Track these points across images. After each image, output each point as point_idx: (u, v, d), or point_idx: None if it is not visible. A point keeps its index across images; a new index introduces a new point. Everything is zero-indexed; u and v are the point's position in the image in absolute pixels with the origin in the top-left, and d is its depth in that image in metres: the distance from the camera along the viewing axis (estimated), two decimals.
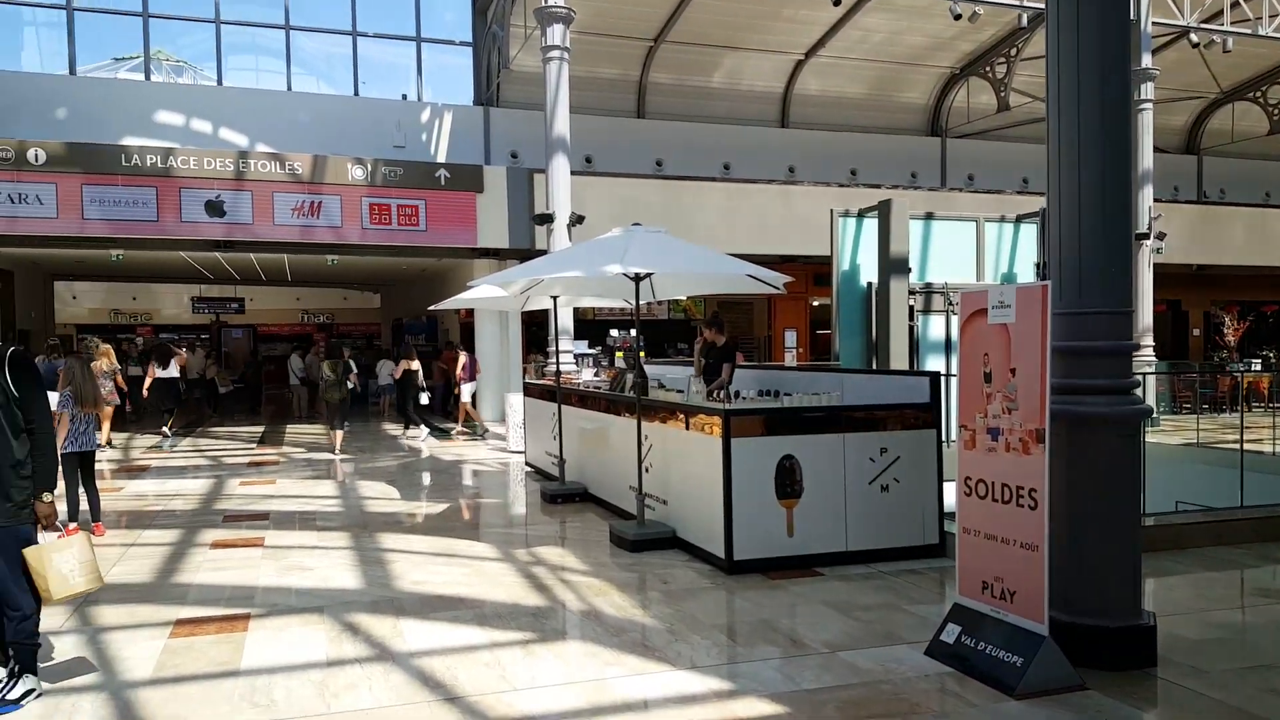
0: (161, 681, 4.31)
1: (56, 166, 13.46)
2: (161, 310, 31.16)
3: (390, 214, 15.01)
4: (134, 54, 17.21)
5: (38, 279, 20.70)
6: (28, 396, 4.05)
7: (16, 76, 15.71)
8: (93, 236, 13.98)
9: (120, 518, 8.29)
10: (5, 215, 13.28)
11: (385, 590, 5.86)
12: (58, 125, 15.18)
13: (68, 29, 16.25)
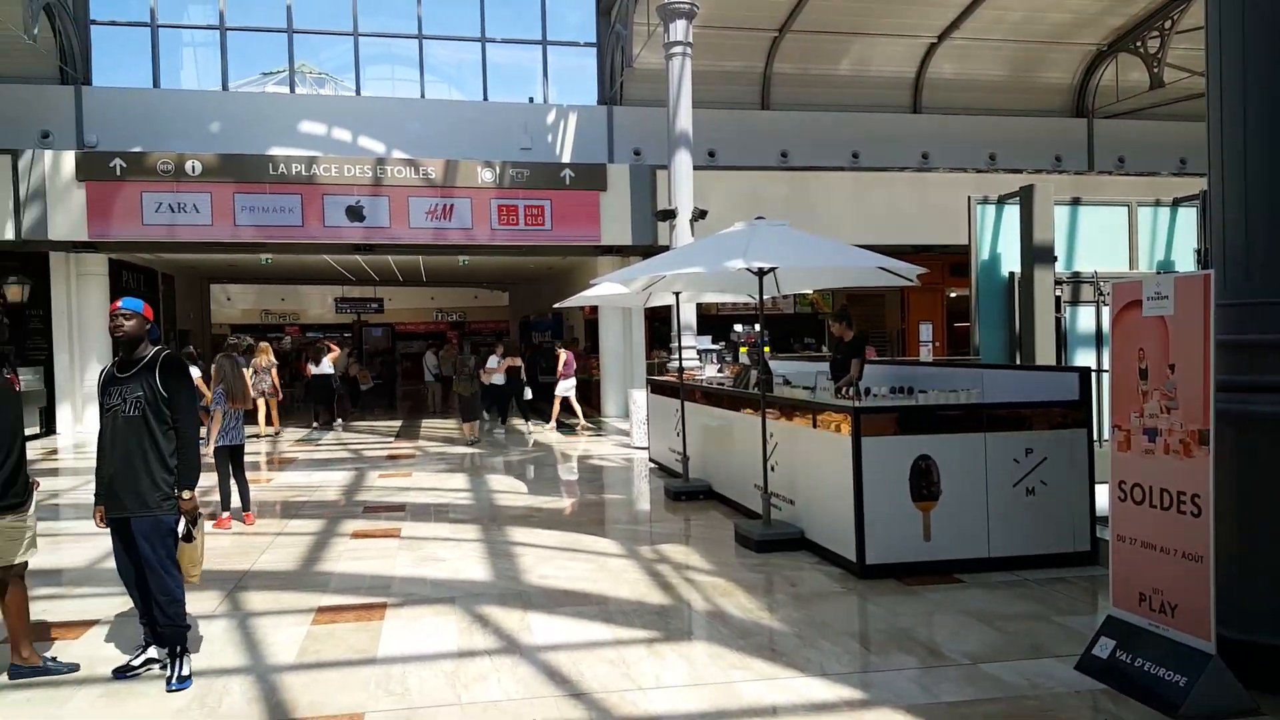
0: (303, 666, 4.52)
1: (211, 177, 14.43)
2: (308, 310, 33.04)
3: (517, 214, 15.37)
4: (280, 68, 18.28)
5: (196, 282, 22.31)
6: (175, 398, 4.29)
7: (176, 94, 16.95)
8: (244, 242, 14.93)
9: (270, 507, 8.80)
10: (166, 223, 14.36)
11: (513, 583, 5.96)
12: (212, 138, 16.28)
13: (220, 47, 17.42)
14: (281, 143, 16.48)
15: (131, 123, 16.14)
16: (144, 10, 17.02)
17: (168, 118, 16.29)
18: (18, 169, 13.99)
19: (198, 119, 16.48)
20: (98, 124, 16.17)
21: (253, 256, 17.43)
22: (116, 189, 14.22)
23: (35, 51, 15.05)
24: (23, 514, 4.35)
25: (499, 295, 32.05)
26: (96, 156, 14.41)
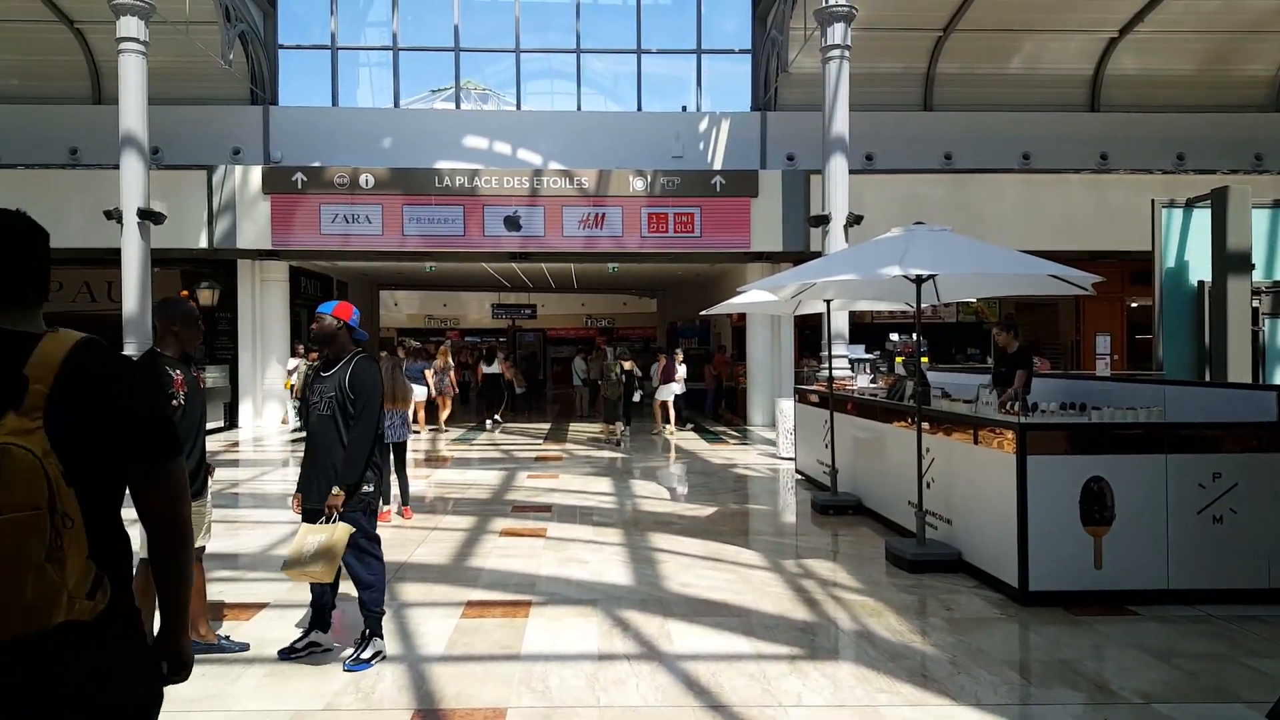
0: (451, 659, 4.68)
1: (382, 189, 15.34)
2: (467, 315, 34.55)
3: (667, 222, 15.49)
4: (447, 85, 19.20)
5: (367, 288, 23.76)
6: (358, 400, 4.48)
7: (352, 112, 18.11)
8: (411, 251, 15.76)
9: (426, 503, 9.21)
10: (340, 233, 15.36)
11: (654, 590, 5.96)
12: (384, 153, 17.30)
13: (393, 67, 18.50)
14: (447, 156, 17.32)
15: (312, 139, 17.40)
16: (325, 34, 18.34)
17: (344, 134, 17.46)
18: (212, 183, 15.33)
19: (371, 135, 17.57)
20: (282, 141, 17.53)
21: (418, 265, 18.37)
22: (297, 201, 15.35)
23: (230, 76, 16.47)
24: (201, 501, 4.71)
25: (647, 302, 32.42)
26: (280, 171, 15.61)
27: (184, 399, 4.43)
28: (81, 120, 17.03)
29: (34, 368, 1.66)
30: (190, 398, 4.47)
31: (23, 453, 1.59)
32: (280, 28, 18.01)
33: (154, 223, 12.16)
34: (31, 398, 1.63)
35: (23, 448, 1.59)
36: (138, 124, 11.70)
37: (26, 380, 1.64)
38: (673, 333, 26.48)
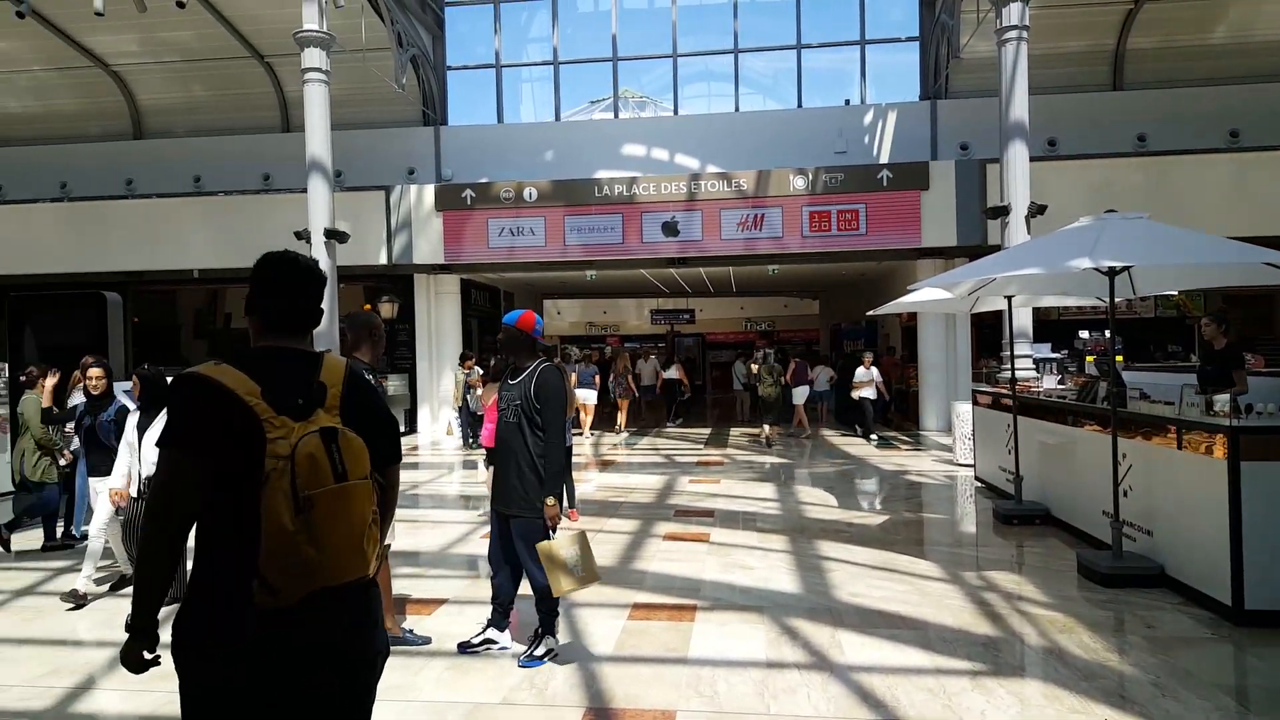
0: (620, 659, 4.78)
1: (545, 201, 15.90)
2: (626, 322, 35.20)
3: (830, 220, 15.21)
4: (605, 95, 19.68)
5: (532, 298, 24.66)
6: (544, 408, 4.64)
7: (516, 128, 18.88)
8: (572, 260, 16.25)
9: (591, 505, 9.45)
10: (507, 245, 16.04)
11: (823, 598, 5.87)
12: (546, 165, 17.93)
13: (554, 80, 19.15)
14: (606, 165, 17.75)
15: (479, 156, 18.28)
16: (489, 54, 19.22)
17: (509, 149, 18.23)
18: (389, 203, 16.39)
19: (534, 148, 18.25)
20: (452, 159, 18.50)
21: (579, 273, 18.92)
22: (467, 216, 16.15)
23: (403, 99, 17.56)
24: None
25: (809, 303, 31.92)
26: (451, 188, 16.48)
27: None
28: (272, 148, 18.62)
29: (327, 377, 2.27)
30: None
31: (354, 437, 2.19)
32: (448, 50, 19.03)
33: (339, 241, 13.12)
34: (330, 399, 2.23)
35: (352, 432, 2.19)
36: (322, 149, 12.67)
37: (325, 387, 2.24)
38: (836, 334, 25.93)
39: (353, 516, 2.14)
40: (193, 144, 19.00)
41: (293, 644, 2.09)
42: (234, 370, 2.16)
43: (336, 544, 2.11)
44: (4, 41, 17.53)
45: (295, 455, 2.08)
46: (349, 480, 2.14)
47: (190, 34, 17.16)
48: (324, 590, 2.10)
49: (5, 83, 19.08)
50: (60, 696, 4.48)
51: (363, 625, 2.24)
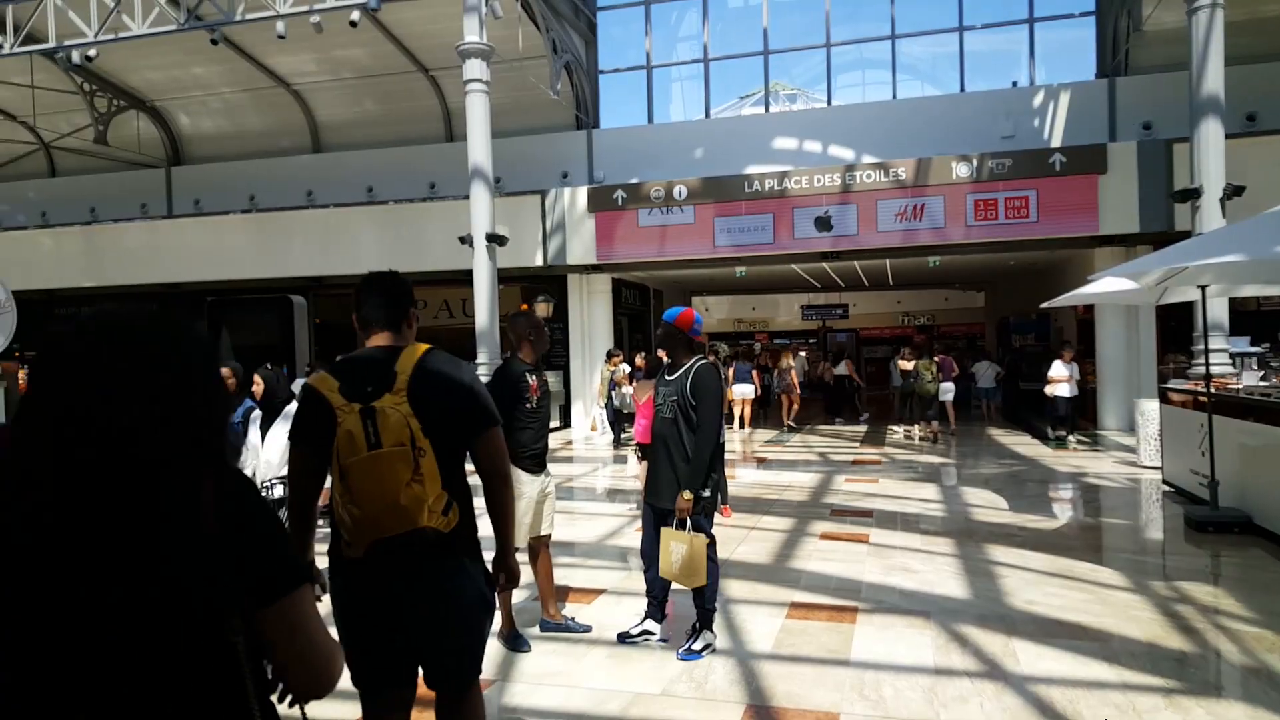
0: (779, 658, 4.72)
1: (694, 199, 15.92)
2: (775, 318, 34.79)
3: (996, 208, 14.48)
4: (754, 90, 19.51)
5: (681, 295, 24.77)
6: (699, 405, 4.66)
7: (666, 127, 19.00)
8: (722, 257, 16.20)
9: (744, 503, 9.38)
10: (657, 244, 16.16)
11: (994, 605, 5.58)
12: (696, 164, 17.93)
13: (704, 78, 19.14)
14: (756, 161, 17.57)
15: (630, 157, 18.51)
16: (640, 55, 19.42)
17: (659, 149, 18.36)
18: (545, 206, 16.85)
19: (684, 147, 18.30)
20: (604, 161, 18.83)
21: (729, 270, 18.83)
22: (618, 216, 16.40)
23: (558, 105, 18.01)
24: (544, 480, 5.15)
25: (972, 296, 30.53)
26: (603, 190, 16.76)
27: (536, 402, 4.98)
28: (436, 158, 19.52)
29: (400, 366, 2.70)
30: (541, 399, 5.02)
31: (394, 412, 2.59)
32: (600, 54, 19.38)
33: (499, 245, 13.60)
34: (398, 384, 2.66)
35: (395, 410, 2.60)
36: (483, 157, 13.16)
37: (396, 374, 2.68)
38: (1003, 328, 24.69)
39: (384, 480, 2.54)
40: (365, 156, 20.19)
41: (367, 583, 2.65)
42: (325, 374, 2.75)
43: (374, 503, 2.54)
44: (201, 68, 19.19)
45: (338, 433, 2.58)
46: (382, 449, 2.55)
47: (362, 52, 18.23)
48: (382, 541, 2.56)
49: (202, 105, 20.90)
50: None
51: (424, 568, 2.64)
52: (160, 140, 21.46)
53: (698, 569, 4.55)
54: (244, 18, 13.33)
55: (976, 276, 25.03)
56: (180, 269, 19.02)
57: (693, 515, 4.61)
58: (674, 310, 4.96)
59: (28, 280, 18.60)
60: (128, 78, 19.74)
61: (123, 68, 19.11)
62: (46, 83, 18.22)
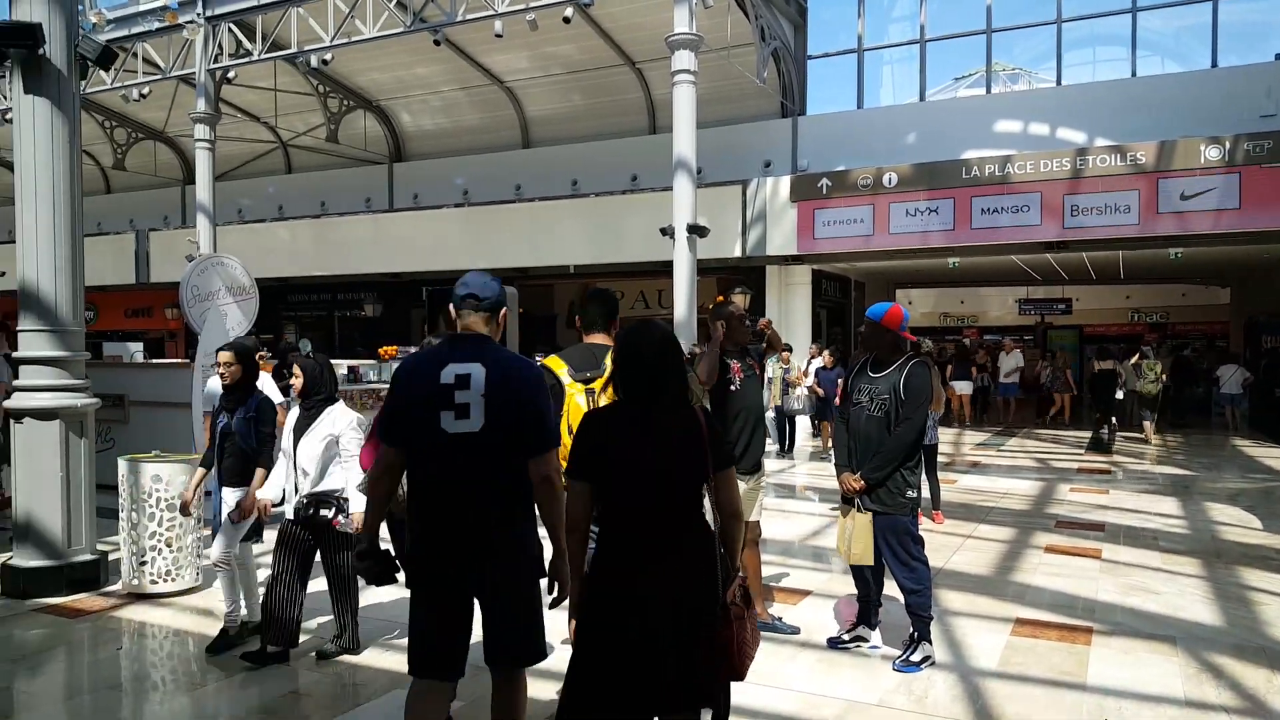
0: (1005, 676, 4.54)
1: (905, 187, 15.39)
2: (987, 312, 32.99)
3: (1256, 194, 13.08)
4: (971, 71, 18.60)
5: (883, 287, 24.03)
6: (909, 402, 4.56)
7: (876, 112, 18.46)
8: (933, 247, 15.58)
9: (957, 509, 9.01)
10: (863, 234, 15.74)
11: (1253, 635, 5.11)
12: (907, 149, 17.26)
13: (920, 60, 18.41)
14: (974, 145, 16.70)
15: (836, 144, 18.10)
16: (851, 39, 18.92)
17: (868, 135, 17.84)
18: (746, 196, 16.83)
19: (895, 132, 17.68)
20: (808, 149, 18.54)
21: (939, 261, 18.09)
22: (822, 206, 16.12)
23: (763, 93, 17.91)
24: (756, 479, 5.19)
25: (1215, 292, 27.66)
26: (807, 178, 16.52)
27: (740, 383, 5.03)
28: (639, 150, 19.91)
29: (609, 360, 3.56)
30: (745, 383, 5.06)
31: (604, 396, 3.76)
32: (809, 39, 19.05)
33: (699, 236, 13.74)
34: (608, 373, 3.50)
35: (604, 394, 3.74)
36: (688, 148, 13.32)
37: (606, 366, 3.68)
38: (1251, 328, 22.26)
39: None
40: (570, 150, 20.95)
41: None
42: (557, 358, 4.11)
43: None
44: (422, 68, 20.57)
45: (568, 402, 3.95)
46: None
47: (572, 47, 18.90)
48: None
49: (422, 104, 22.40)
50: None
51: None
52: (384, 138, 23.20)
53: (864, 547, 4.61)
54: (465, 17, 14.15)
55: (1221, 270, 22.72)
56: (399, 259, 20.50)
57: (898, 515, 4.57)
58: (880, 307, 4.85)
59: (266, 269, 20.58)
60: (357, 79, 21.46)
61: (353, 70, 20.78)
62: (286, 86, 20.11)
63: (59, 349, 6.28)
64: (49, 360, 6.23)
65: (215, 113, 16.22)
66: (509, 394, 3.05)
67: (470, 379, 3.04)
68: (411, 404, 3.10)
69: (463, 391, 3.03)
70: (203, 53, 15.81)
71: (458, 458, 3.02)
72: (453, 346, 3.16)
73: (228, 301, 10.73)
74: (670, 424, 2.85)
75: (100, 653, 5.17)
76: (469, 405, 3.02)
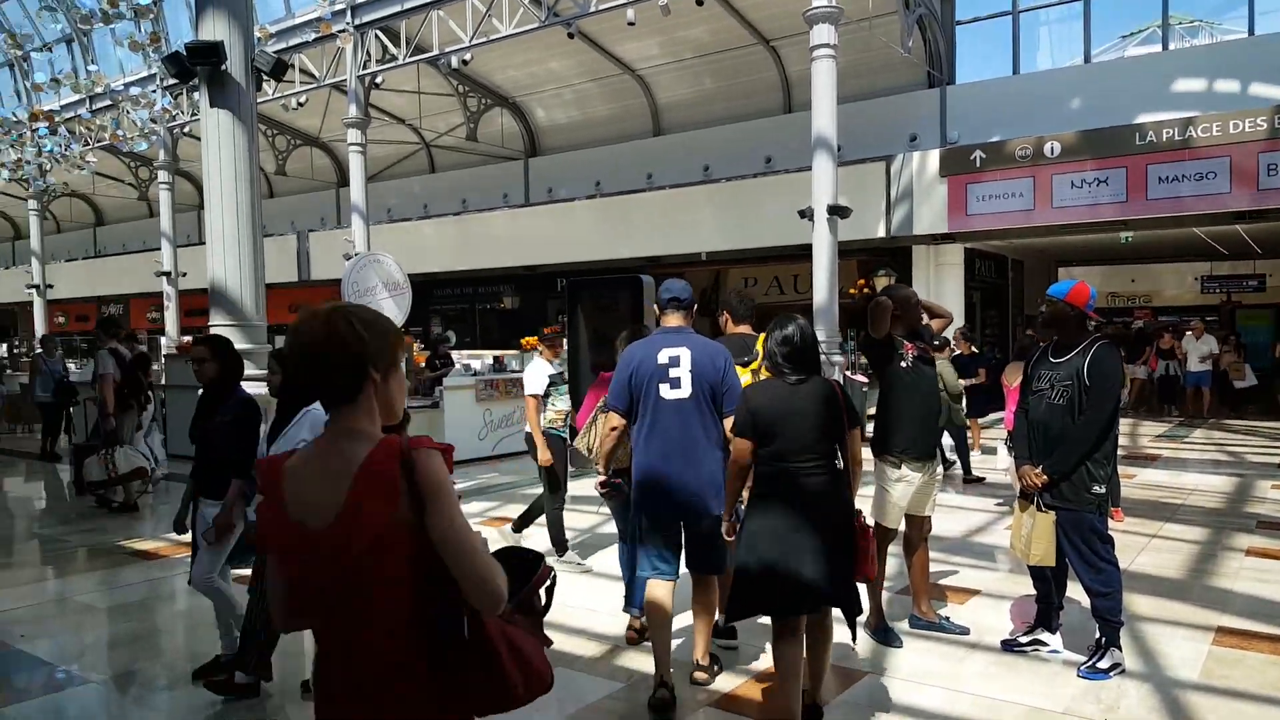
0: (1209, 690, 4.19)
1: (1069, 156, 14.52)
2: (1161, 291, 30.76)
3: None
4: (1143, 26, 17.34)
5: (1043, 267, 22.80)
6: (1093, 387, 4.28)
7: (1034, 77, 17.48)
8: (1104, 220, 14.62)
9: (1139, 506, 8.41)
10: (1022, 209, 14.95)
11: None
12: (1071, 116, 16.25)
13: (1084, 18, 17.26)
14: (1148, 108, 15.52)
15: (990, 114, 17.24)
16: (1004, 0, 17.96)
17: (1025, 102, 16.88)
18: (890, 173, 16.28)
19: (1055, 98, 16.65)
20: (958, 120, 17.76)
21: (1108, 236, 17.00)
22: (975, 180, 15.41)
23: (907, 63, 17.27)
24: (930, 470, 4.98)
25: None
26: (958, 151, 15.84)
27: (911, 360, 4.87)
28: (773, 131, 19.61)
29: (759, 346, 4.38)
30: (917, 365, 4.88)
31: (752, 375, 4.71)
32: (957, 2, 18.20)
33: (841, 217, 13.39)
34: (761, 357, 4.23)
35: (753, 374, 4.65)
36: (828, 126, 12.99)
37: (757, 352, 4.29)
38: None
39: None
40: (702, 135, 20.86)
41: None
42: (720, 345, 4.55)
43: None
44: (555, 62, 20.93)
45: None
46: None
47: (703, 30, 18.79)
48: None
49: (556, 98, 22.81)
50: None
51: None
52: (520, 134, 23.77)
53: (1045, 547, 4.35)
54: (598, 8, 14.28)
55: None
56: (535, 252, 20.98)
57: (1082, 511, 4.30)
58: (1063, 284, 4.54)
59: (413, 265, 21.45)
60: (494, 77, 22.05)
61: (490, 68, 21.35)
62: (428, 88, 20.87)
63: (245, 342, 6.78)
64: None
65: (365, 117, 17.04)
66: (710, 369, 4.18)
67: (680, 359, 4.18)
68: (640, 379, 4.22)
69: (675, 368, 4.17)
70: (353, 60, 16.66)
71: (673, 418, 4.16)
72: (664, 335, 4.31)
73: (384, 296, 11.31)
74: (811, 392, 3.76)
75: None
76: (680, 378, 4.17)
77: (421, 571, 1.77)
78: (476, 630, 1.79)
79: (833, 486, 3.73)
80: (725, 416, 4.14)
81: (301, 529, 1.79)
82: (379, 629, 1.78)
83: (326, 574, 1.77)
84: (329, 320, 1.82)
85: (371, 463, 1.75)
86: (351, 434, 1.82)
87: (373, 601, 1.77)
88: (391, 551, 1.74)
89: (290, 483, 1.83)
